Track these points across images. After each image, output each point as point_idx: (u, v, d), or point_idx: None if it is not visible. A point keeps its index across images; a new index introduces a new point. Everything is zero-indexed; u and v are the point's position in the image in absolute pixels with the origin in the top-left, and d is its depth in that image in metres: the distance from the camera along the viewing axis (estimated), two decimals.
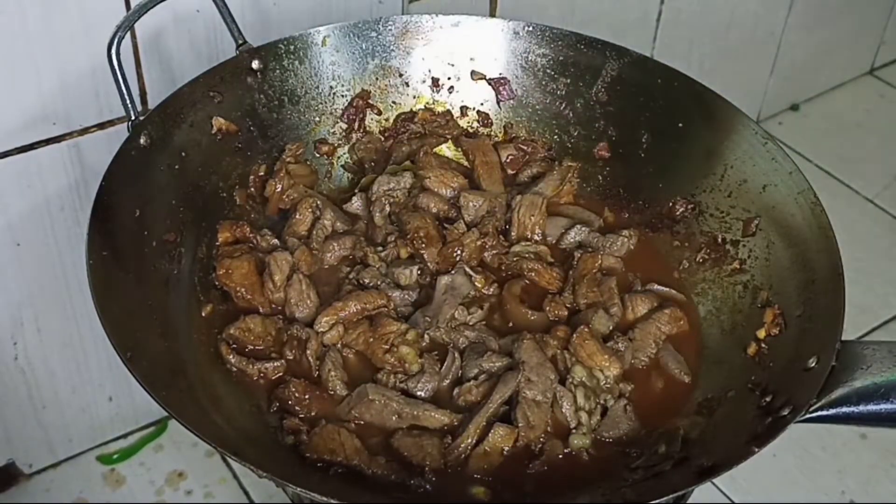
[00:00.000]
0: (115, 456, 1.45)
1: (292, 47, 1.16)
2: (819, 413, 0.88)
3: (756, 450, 0.84)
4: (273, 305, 1.05)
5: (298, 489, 0.81)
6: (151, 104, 1.18)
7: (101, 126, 1.19)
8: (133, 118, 1.03)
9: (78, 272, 0.90)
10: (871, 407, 0.87)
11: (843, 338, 0.91)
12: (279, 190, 1.13)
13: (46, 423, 1.38)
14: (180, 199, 1.06)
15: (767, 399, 0.92)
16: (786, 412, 0.87)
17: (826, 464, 1.50)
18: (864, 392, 0.87)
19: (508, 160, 1.22)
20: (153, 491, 1.42)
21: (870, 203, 1.95)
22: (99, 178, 0.98)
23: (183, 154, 1.08)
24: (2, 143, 1.13)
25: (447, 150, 1.24)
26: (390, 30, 1.21)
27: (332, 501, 0.80)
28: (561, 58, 1.21)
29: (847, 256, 0.98)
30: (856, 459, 1.51)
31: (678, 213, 1.15)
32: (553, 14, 1.53)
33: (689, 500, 1.02)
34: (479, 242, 1.11)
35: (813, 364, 0.90)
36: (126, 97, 1.02)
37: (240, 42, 1.13)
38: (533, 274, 1.09)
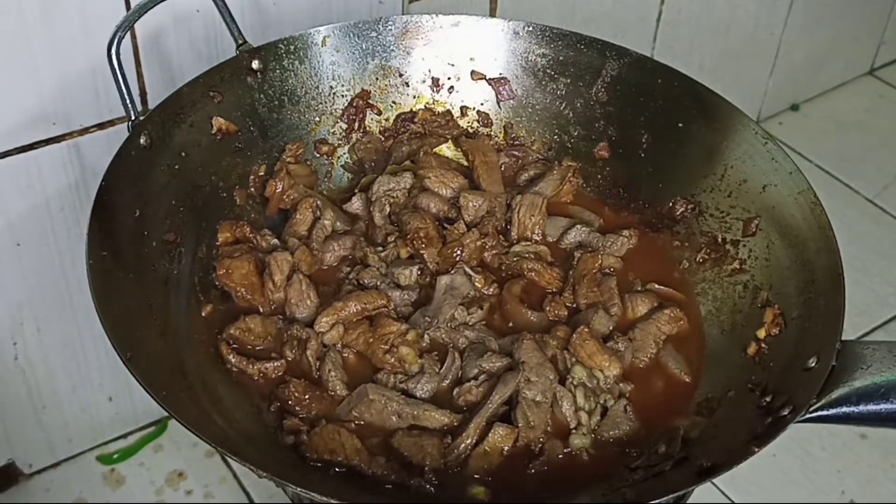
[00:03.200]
0: (115, 456, 1.45)
1: (292, 47, 1.16)
2: (819, 413, 0.88)
3: (756, 450, 0.84)
4: (273, 305, 1.05)
5: (298, 489, 0.81)
6: (151, 104, 1.18)
7: (101, 126, 1.19)
8: (133, 118, 1.03)
9: (78, 272, 0.90)
10: (871, 407, 0.87)
11: (843, 338, 0.90)
12: (279, 190, 1.13)
13: (46, 423, 1.38)
14: (180, 199, 1.06)
15: (767, 399, 0.92)
16: (786, 412, 0.86)
17: (826, 464, 1.50)
18: (864, 392, 0.87)
19: (502, 168, 1.22)
20: (153, 491, 1.41)
21: (870, 203, 1.95)
22: (99, 178, 0.98)
23: (183, 154, 1.08)
24: (2, 143, 1.13)
25: (447, 150, 1.24)
26: (390, 30, 1.21)
27: (332, 501, 0.80)
28: (561, 58, 1.21)
29: (847, 256, 0.98)
30: (856, 459, 1.51)
31: (678, 213, 1.15)
32: (553, 14, 1.53)
33: (689, 500, 1.02)
34: (479, 242, 1.11)
35: (813, 364, 0.90)
36: (126, 97, 1.02)
37: (240, 42, 1.13)
38: (533, 274, 1.09)
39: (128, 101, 1.03)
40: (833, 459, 1.50)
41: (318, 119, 1.20)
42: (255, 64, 1.14)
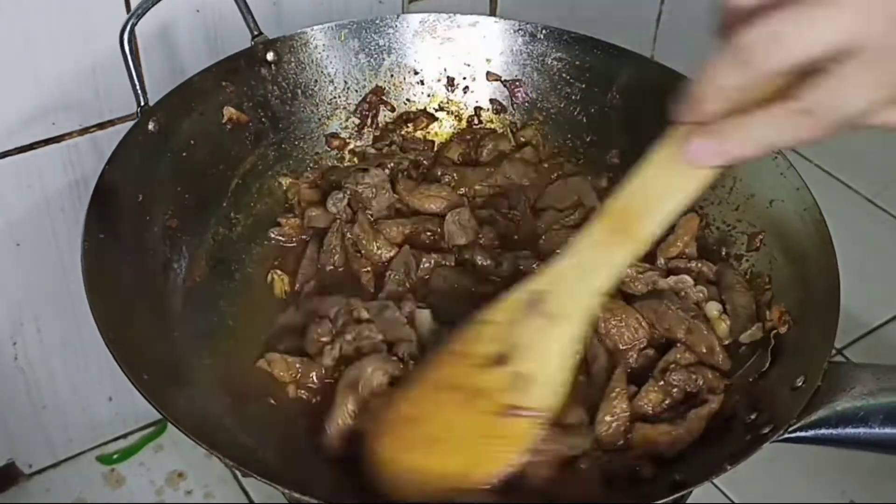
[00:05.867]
0: (115, 456, 1.45)
1: (308, 40, 1.17)
2: (798, 434, 0.87)
3: (728, 467, 0.83)
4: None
5: (291, 491, 0.81)
6: (152, 96, 1.18)
7: (101, 126, 1.19)
8: (143, 104, 1.04)
9: (78, 272, 0.90)
10: (850, 430, 0.86)
11: (841, 341, 0.90)
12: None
13: (46, 423, 1.38)
14: (186, 186, 1.07)
15: (752, 417, 0.91)
16: (766, 430, 0.86)
17: (826, 464, 1.49)
18: (843, 415, 0.86)
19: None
20: (153, 491, 1.42)
21: (870, 203, 1.95)
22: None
23: (192, 142, 1.08)
24: (2, 143, 1.13)
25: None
26: (407, 27, 1.21)
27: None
28: (577, 62, 1.20)
29: (847, 257, 0.98)
30: (856, 459, 1.50)
31: None
32: (552, 14, 1.53)
33: (689, 501, 1.02)
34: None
35: (800, 383, 0.89)
36: (136, 83, 1.03)
37: (255, 33, 1.14)
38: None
39: (138, 88, 1.03)
40: (833, 459, 1.50)
41: (330, 113, 1.20)
42: (270, 56, 1.14)
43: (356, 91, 1.21)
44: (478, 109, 1.24)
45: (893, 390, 0.87)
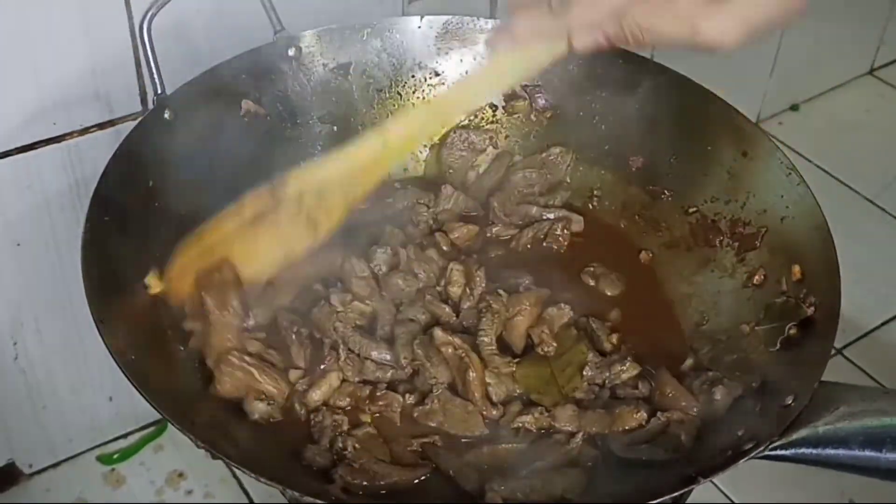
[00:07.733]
0: (116, 456, 1.45)
1: (331, 38, 1.17)
2: (778, 452, 0.87)
3: (701, 480, 0.84)
4: None
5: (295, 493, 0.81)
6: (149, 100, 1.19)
7: (101, 126, 1.18)
8: (159, 92, 1.04)
9: (78, 272, 0.90)
10: (829, 451, 0.86)
11: (841, 341, 0.90)
12: None
13: (46, 423, 1.38)
14: (197, 175, 1.07)
15: (740, 432, 0.91)
16: (747, 447, 0.86)
17: None
18: (825, 436, 0.87)
19: None
20: (153, 491, 1.42)
21: (870, 203, 1.95)
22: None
23: (207, 132, 1.08)
24: (2, 143, 1.13)
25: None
26: (431, 28, 1.21)
27: None
28: (599, 71, 1.19)
29: (847, 256, 0.98)
30: None
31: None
32: None
33: (689, 500, 1.02)
34: None
35: (790, 402, 0.89)
36: (154, 72, 1.04)
37: (277, 29, 1.14)
38: None
39: (155, 77, 1.04)
40: None
41: (350, 111, 1.21)
42: (292, 51, 1.15)
43: (377, 90, 1.21)
44: (493, 107, 1.24)
45: (876, 413, 0.88)
